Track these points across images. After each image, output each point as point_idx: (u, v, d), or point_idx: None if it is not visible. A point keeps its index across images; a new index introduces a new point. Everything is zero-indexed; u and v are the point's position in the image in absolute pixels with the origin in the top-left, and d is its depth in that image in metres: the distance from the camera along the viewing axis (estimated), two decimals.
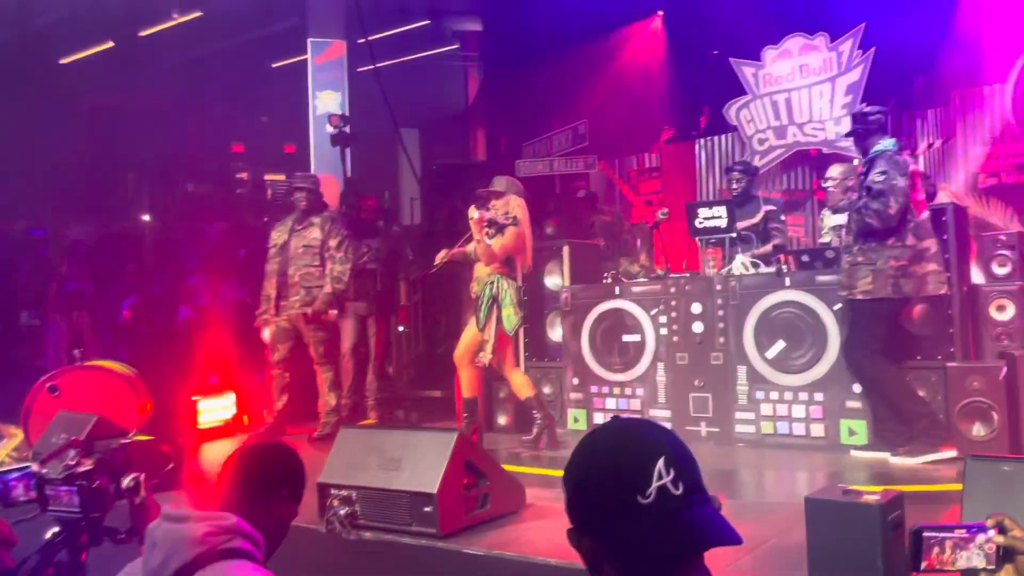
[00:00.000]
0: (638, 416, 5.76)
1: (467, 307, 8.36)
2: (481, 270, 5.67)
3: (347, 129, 12.59)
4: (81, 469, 2.87)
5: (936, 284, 4.80)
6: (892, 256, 4.75)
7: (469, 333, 5.76)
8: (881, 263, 4.77)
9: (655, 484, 1.17)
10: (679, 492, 1.18)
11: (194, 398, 6.58)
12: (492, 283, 5.56)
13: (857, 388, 5.23)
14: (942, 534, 1.51)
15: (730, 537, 1.18)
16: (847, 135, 5.37)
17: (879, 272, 4.77)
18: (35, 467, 2.89)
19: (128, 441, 4.76)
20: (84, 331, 8.73)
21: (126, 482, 2.88)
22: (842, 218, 5.68)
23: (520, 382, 5.77)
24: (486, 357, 5.55)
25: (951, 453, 4.75)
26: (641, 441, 1.24)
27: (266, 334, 6.51)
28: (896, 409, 4.90)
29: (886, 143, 4.90)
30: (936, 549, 1.52)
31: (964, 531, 1.49)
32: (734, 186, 6.55)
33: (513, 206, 5.58)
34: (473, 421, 5.85)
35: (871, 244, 4.83)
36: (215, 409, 6.74)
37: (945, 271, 4.90)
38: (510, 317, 5.51)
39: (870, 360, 4.89)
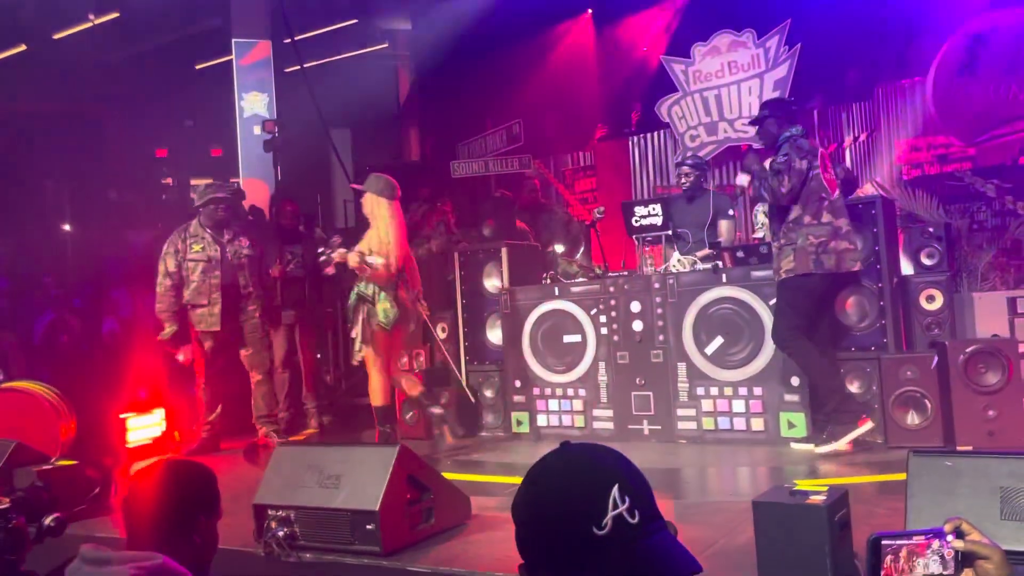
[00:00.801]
0: (582, 442, 5.74)
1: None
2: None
3: (277, 136, 12.37)
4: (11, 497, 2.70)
5: (851, 261, 4.92)
6: (811, 234, 4.87)
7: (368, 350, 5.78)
8: (801, 241, 4.88)
9: (611, 514, 1.11)
10: (635, 520, 1.12)
11: (122, 416, 6.32)
12: (362, 284, 5.58)
13: (795, 381, 5.30)
14: (899, 542, 1.48)
15: (690, 566, 1.13)
16: (752, 122, 5.44)
17: (800, 250, 4.88)
18: None
19: (50, 467, 4.55)
20: (6, 350, 8.32)
21: (47, 521, 2.69)
22: None
23: (409, 383, 5.84)
24: (357, 356, 5.63)
25: (868, 425, 4.90)
26: (593, 468, 1.18)
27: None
28: (812, 386, 5.07)
29: (793, 130, 5.07)
30: (890, 557, 1.49)
31: (921, 537, 1.46)
32: (683, 180, 6.49)
33: (383, 209, 5.58)
34: (394, 432, 5.79)
35: (789, 225, 4.96)
36: (144, 427, 6.48)
37: (857, 249, 5.01)
38: (387, 311, 5.50)
39: (791, 335, 4.97)
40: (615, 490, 1.13)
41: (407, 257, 5.68)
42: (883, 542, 1.49)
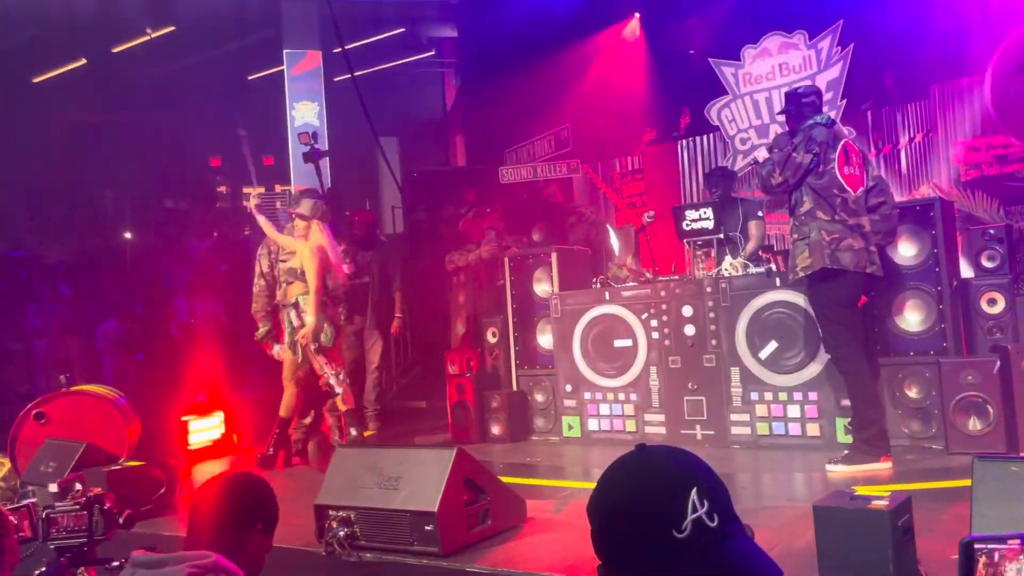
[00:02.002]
0: (658, 444, 5.74)
1: (456, 316, 8.34)
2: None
3: (318, 145, 12.56)
4: (92, 493, 2.84)
5: (868, 263, 4.67)
6: (824, 229, 4.65)
7: (288, 354, 6.04)
8: (815, 236, 4.68)
9: (690, 517, 1.12)
10: (714, 524, 1.13)
11: (183, 419, 6.49)
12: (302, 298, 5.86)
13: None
14: (991, 545, 1.48)
15: (770, 569, 1.14)
16: (779, 113, 5.33)
17: (814, 244, 4.68)
18: (51, 487, 2.86)
19: (119, 467, 4.71)
20: (71, 355, 8.60)
21: (126, 511, 2.84)
22: None
23: (344, 397, 5.95)
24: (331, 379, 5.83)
25: (887, 465, 4.68)
26: (672, 471, 1.19)
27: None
28: (855, 409, 4.81)
29: (817, 118, 4.81)
30: (984, 560, 1.49)
31: (1016, 542, 1.46)
32: (713, 190, 6.68)
33: (314, 232, 5.84)
34: (283, 446, 5.99)
35: (801, 218, 4.77)
36: (204, 429, 6.65)
37: (875, 253, 4.73)
38: (326, 332, 5.81)
39: (847, 353, 4.76)
40: (694, 493, 1.14)
41: (325, 276, 5.91)
42: (976, 546, 1.49)
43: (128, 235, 12.82)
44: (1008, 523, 2.48)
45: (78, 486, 2.75)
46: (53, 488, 2.79)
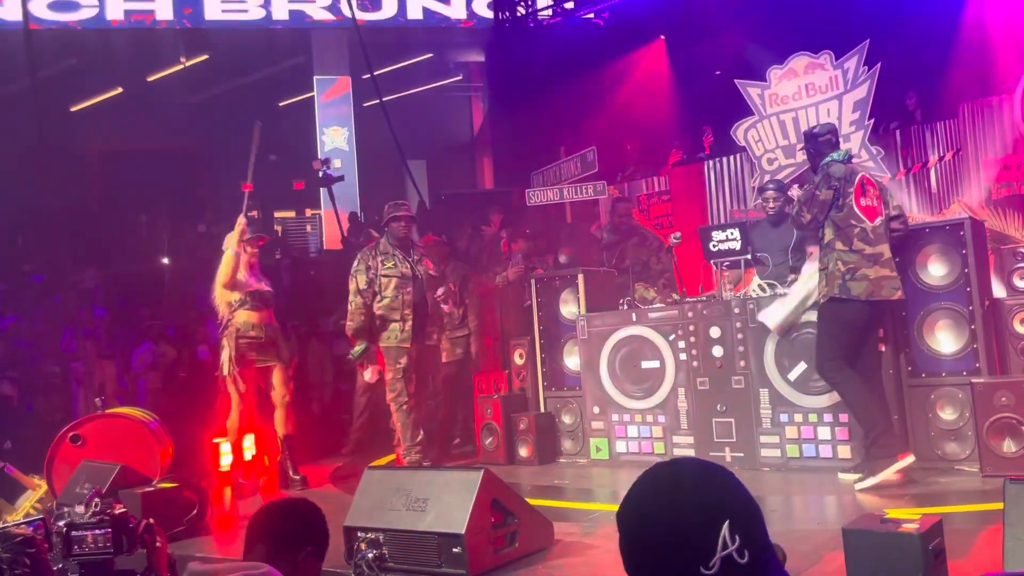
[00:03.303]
0: (695, 458, 5.70)
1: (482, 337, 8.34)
2: None
3: (330, 171, 12.79)
4: (116, 512, 2.92)
5: (890, 290, 4.82)
6: (840, 259, 4.83)
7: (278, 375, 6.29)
8: (832, 266, 4.86)
9: (720, 554, 1.10)
10: (744, 560, 1.11)
11: (215, 440, 6.56)
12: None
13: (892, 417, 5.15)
14: None
15: None
16: (802, 149, 5.46)
17: (831, 275, 4.86)
18: (78, 508, 2.94)
19: (152, 488, 4.78)
20: (106, 378, 8.74)
21: (144, 525, 2.91)
22: None
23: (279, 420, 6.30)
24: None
25: (909, 459, 4.76)
26: (704, 500, 1.16)
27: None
28: (855, 416, 4.97)
29: (834, 155, 5.00)
30: None
31: None
32: (770, 205, 6.27)
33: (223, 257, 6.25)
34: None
35: (823, 250, 4.95)
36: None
37: (897, 277, 4.88)
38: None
39: (830, 365, 4.89)
40: (725, 528, 1.12)
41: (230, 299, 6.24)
42: None
43: (164, 260, 13.05)
44: None
45: (96, 504, 2.83)
46: (80, 508, 2.88)
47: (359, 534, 3.77)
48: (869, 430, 4.81)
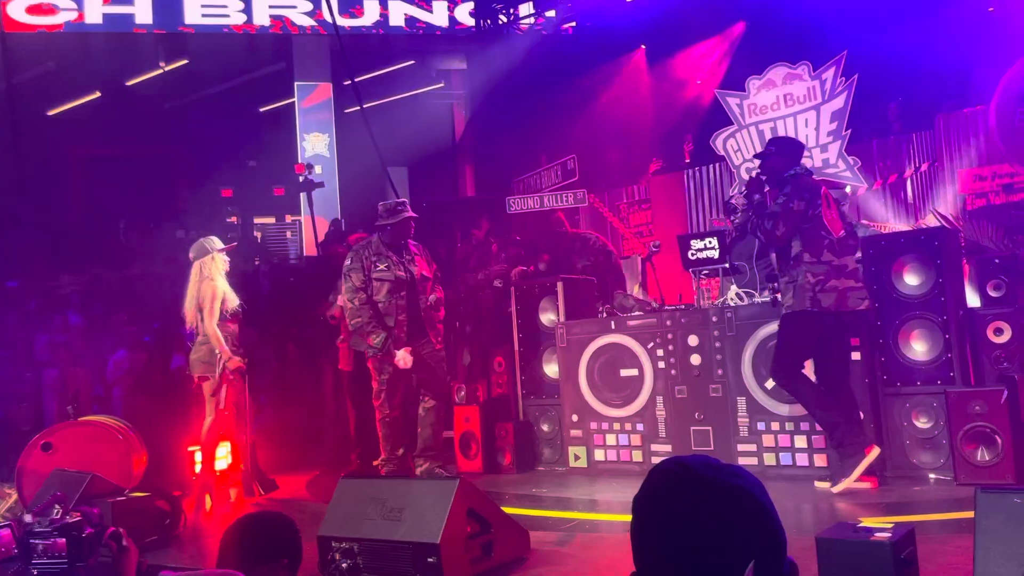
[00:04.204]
0: (712, 466, 5.68)
1: (462, 346, 8.33)
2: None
3: (311, 176, 12.76)
4: (70, 520, 2.88)
5: (855, 300, 4.88)
6: (810, 272, 4.86)
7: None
8: (801, 279, 4.89)
9: None
10: None
11: (191, 449, 6.49)
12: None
13: (860, 416, 5.20)
14: None
15: None
16: (756, 156, 5.48)
17: (799, 287, 4.89)
18: (26, 518, 2.90)
19: (124, 498, 4.71)
20: (80, 386, 8.63)
21: (111, 532, 2.87)
22: None
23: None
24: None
25: (875, 452, 4.84)
26: (723, 525, 1.15)
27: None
28: (816, 420, 5.04)
29: (798, 168, 5.06)
30: None
31: None
32: (733, 217, 6.40)
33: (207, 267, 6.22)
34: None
35: (791, 262, 4.97)
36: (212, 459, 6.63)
37: (863, 288, 4.95)
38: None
39: (785, 373, 4.95)
40: (749, 571, 1.11)
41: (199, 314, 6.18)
42: None
43: (140, 266, 12.93)
44: (1012, 556, 2.46)
45: (56, 512, 2.79)
46: (28, 517, 2.84)
47: (333, 544, 3.73)
48: (831, 433, 4.90)
